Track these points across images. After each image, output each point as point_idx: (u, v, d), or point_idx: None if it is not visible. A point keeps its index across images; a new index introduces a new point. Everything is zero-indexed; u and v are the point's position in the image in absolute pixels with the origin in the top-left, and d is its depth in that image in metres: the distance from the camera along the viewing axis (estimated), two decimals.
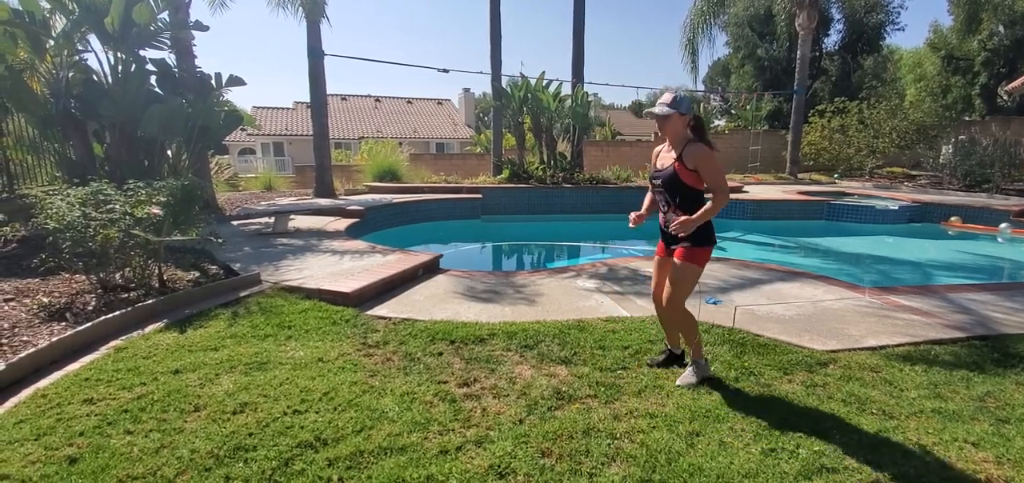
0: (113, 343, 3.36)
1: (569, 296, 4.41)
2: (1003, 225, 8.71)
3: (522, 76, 12.38)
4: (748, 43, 24.64)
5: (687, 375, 2.87)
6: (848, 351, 3.29)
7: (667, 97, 2.67)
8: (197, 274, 4.89)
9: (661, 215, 2.88)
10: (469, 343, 3.34)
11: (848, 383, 2.87)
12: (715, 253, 2.90)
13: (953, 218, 9.59)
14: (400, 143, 16.79)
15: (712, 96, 28.19)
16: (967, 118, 20.33)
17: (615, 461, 2.18)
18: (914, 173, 16.29)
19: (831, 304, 4.22)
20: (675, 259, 2.75)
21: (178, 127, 6.92)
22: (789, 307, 4.14)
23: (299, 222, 7.74)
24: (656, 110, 2.66)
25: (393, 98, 36.35)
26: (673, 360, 3.11)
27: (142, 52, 7.08)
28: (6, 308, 3.86)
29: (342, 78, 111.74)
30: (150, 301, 3.93)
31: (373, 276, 4.57)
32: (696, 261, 2.71)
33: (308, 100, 11.38)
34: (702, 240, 2.71)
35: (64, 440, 2.29)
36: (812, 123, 17.74)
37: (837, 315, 3.95)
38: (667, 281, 2.80)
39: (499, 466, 2.12)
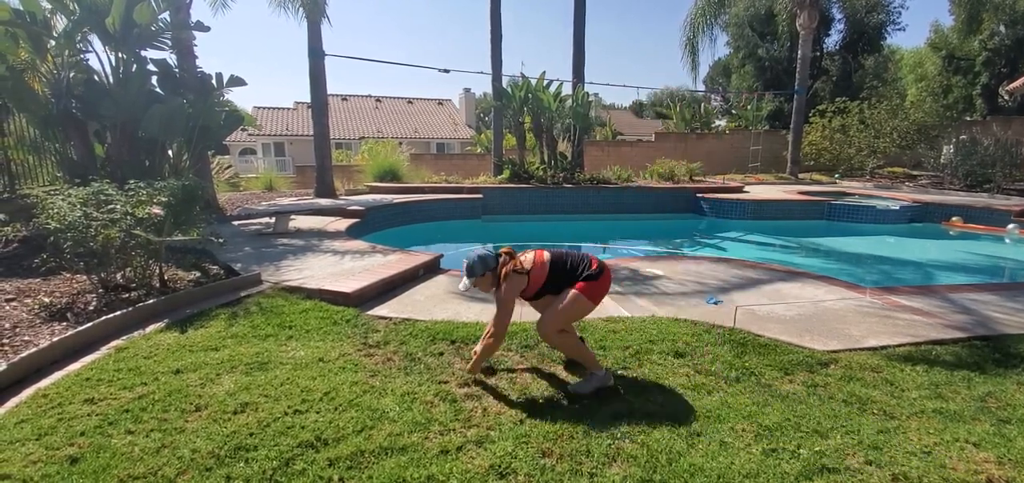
0: (114, 343, 3.36)
1: None
2: (1010, 226, 8.69)
3: (523, 76, 12.40)
4: (749, 43, 24.63)
5: (582, 384, 2.80)
6: (849, 351, 3.29)
7: (463, 271, 2.87)
8: (198, 274, 4.89)
9: None
10: (470, 343, 3.34)
11: (849, 383, 2.87)
12: (716, 253, 2.91)
13: (954, 218, 9.59)
14: (401, 143, 16.79)
15: (713, 96, 28.18)
16: (968, 118, 20.31)
17: (616, 461, 2.18)
18: (915, 173, 16.27)
19: (832, 304, 4.22)
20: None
21: (179, 127, 6.92)
22: (790, 307, 4.14)
23: (300, 222, 7.74)
24: (463, 290, 2.87)
25: (394, 98, 36.37)
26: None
27: (143, 52, 7.08)
28: (7, 308, 3.86)
29: (342, 78, 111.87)
30: (151, 301, 3.93)
31: (374, 276, 4.57)
32: (586, 293, 2.78)
33: (309, 100, 11.39)
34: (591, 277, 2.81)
35: (65, 440, 2.29)
36: (813, 123, 17.73)
37: (838, 315, 3.95)
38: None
39: (500, 466, 2.12)
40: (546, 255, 2.88)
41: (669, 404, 2.63)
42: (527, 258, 2.86)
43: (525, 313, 3.94)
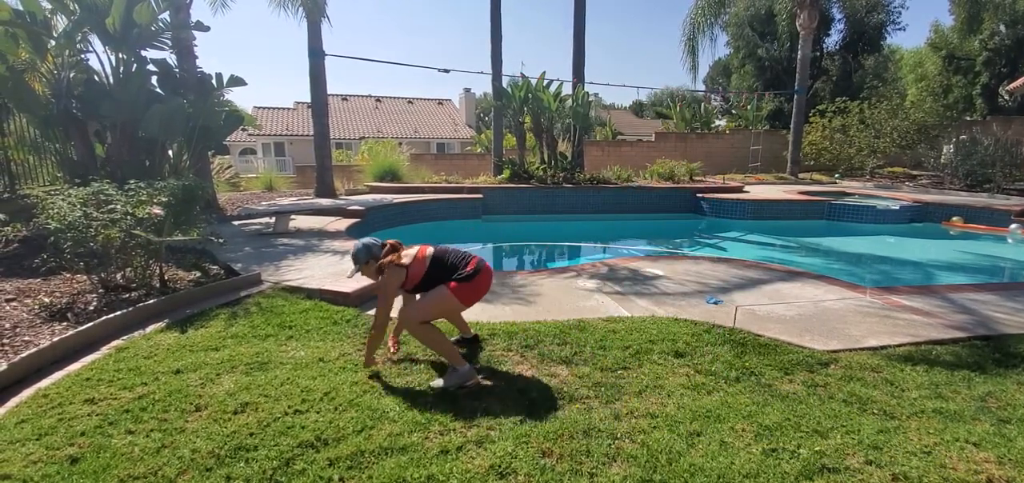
0: (114, 343, 3.36)
1: (569, 296, 4.41)
2: (1013, 226, 8.68)
3: (523, 76, 12.39)
4: (749, 43, 24.63)
5: (439, 380, 2.84)
6: (849, 351, 3.29)
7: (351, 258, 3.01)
8: (198, 274, 4.89)
9: None
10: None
11: (849, 383, 2.87)
12: (716, 253, 2.92)
13: (954, 218, 9.59)
14: (400, 143, 16.80)
15: (713, 96, 28.18)
16: (968, 118, 20.29)
17: (616, 461, 2.18)
18: (915, 173, 16.27)
19: (832, 304, 4.22)
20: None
21: (179, 127, 6.93)
22: (790, 307, 4.14)
23: (300, 222, 7.74)
24: (350, 276, 3.07)
25: (394, 98, 36.37)
26: (464, 343, 3.31)
27: (143, 52, 7.08)
28: (8, 308, 3.86)
29: (342, 78, 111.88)
30: (151, 301, 3.93)
31: None
32: (452, 292, 2.86)
33: (309, 100, 11.39)
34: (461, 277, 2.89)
35: (65, 440, 2.29)
36: (813, 123, 17.72)
37: (838, 315, 3.95)
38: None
39: (500, 466, 2.12)
40: (429, 250, 2.96)
41: (669, 404, 2.63)
42: (409, 253, 2.95)
43: (520, 314, 3.95)
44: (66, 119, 6.67)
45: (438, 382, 2.82)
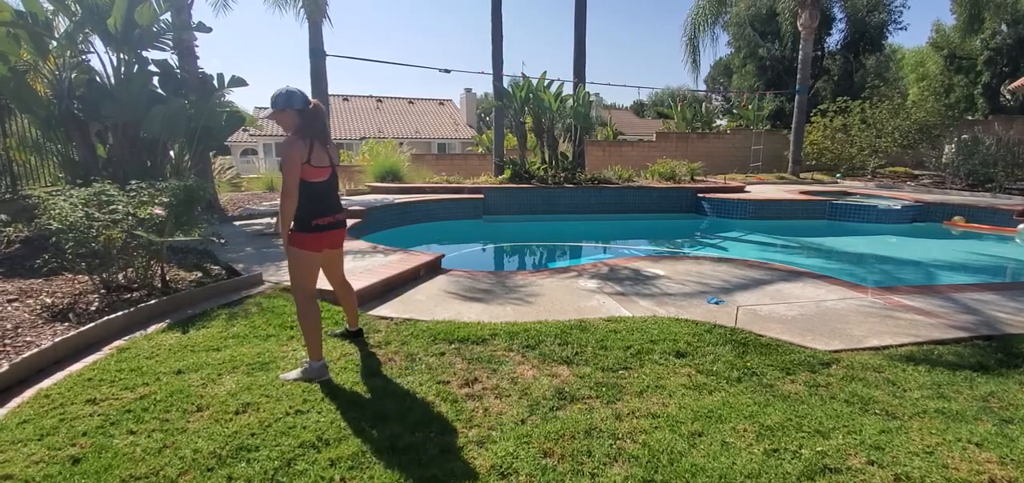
0: (116, 343, 3.37)
1: (571, 296, 4.41)
2: (1021, 226, 8.67)
3: (524, 76, 12.39)
4: (750, 43, 24.62)
5: (293, 372, 2.89)
6: (851, 351, 3.29)
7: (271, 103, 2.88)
8: (199, 274, 4.90)
9: None
10: (471, 343, 3.34)
11: (851, 383, 2.86)
12: (717, 253, 2.92)
13: (956, 218, 9.57)
14: (402, 143, 16.79)
15: (714, 95, 28.17)
16: (970, 117, 20.23)
17: (617, 461, 2.17)
18: (917, 173, 16.24)
19: (834, 304, 4.21)
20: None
21: (180, 128, 6.93)
22: (791, 307, 4.14)
23: None
24: (267, 116, 2.88)
25: (395, 98, 36.38)
26: (348, 336, 3.39)
27: (145, 53, 7.08)
28: (9, 309, 3.87)
29: (343, 78, 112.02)
30: (153, 301, 3.93)
31: (375, 276, 4.57)
32: (294, 244, 2.84)
33: None
34: (298, 226, 2.82)
35: (67, 440, 2.29)
36: (814, 122, 17.70)
37: (840, 315, 3.94)
38: None
39: (501, 466, 2.12)
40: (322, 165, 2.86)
41: (671, 404, 2.62)
42: (304, 146, 2.78)
43: (521, 314, 3.95)
44: (68, 120, 6.67)
45: (292, 374, 2.87)
